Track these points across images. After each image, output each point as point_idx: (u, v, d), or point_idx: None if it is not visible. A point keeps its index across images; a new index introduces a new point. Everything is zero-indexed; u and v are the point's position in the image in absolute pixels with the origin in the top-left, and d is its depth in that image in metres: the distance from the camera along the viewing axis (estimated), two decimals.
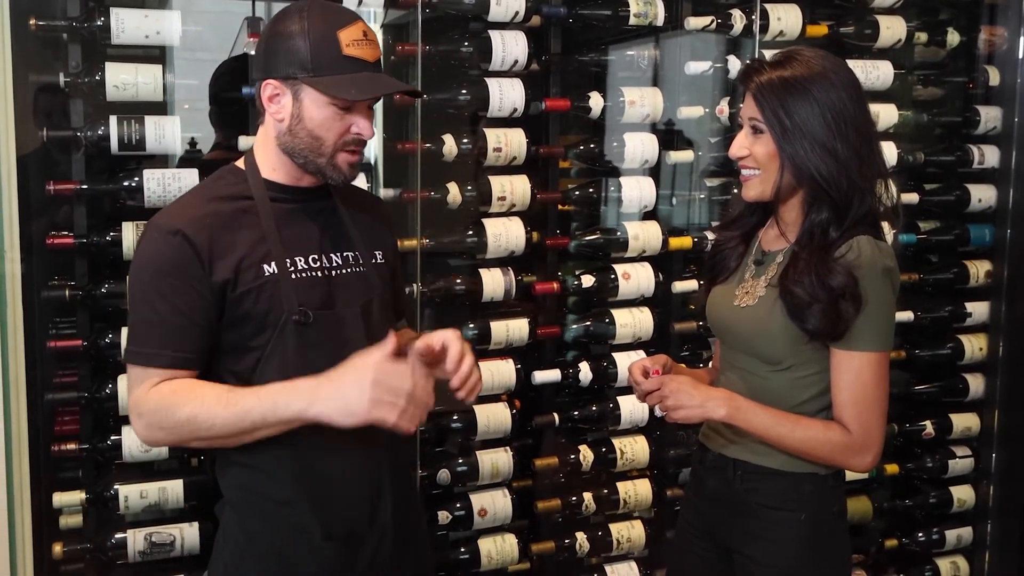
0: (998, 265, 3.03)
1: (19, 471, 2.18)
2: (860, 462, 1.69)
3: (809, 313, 1.64)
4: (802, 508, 1.74)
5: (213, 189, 1.66)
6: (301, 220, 1.67)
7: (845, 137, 1.64)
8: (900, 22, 2.84)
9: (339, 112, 1.59)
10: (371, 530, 1.70)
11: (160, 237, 1.57)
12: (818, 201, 1.67)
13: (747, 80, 1.70)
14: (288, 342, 1.60)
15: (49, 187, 2.18)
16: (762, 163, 1.70)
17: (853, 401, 1.67)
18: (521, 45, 2.46)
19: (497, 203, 2.52)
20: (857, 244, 1.65)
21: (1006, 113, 3.00)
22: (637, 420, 2.68)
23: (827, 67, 1.66)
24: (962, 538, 3.10)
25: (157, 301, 1.56)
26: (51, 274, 2.28)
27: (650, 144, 2.65)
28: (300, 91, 1.58)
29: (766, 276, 1.76)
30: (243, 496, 1.68)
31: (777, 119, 1.65)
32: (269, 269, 1.60)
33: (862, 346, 1.65)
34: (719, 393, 1.71)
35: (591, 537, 2.66)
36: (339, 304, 1.66)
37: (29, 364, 2.18)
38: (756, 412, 1.69)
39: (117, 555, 2.24)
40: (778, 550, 1.75)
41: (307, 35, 1.56)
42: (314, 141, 1.61)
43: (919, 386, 3.08)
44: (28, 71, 2.23)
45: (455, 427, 2.54)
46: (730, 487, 1.80)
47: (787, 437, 1.68)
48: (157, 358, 1.57)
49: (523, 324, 2.57)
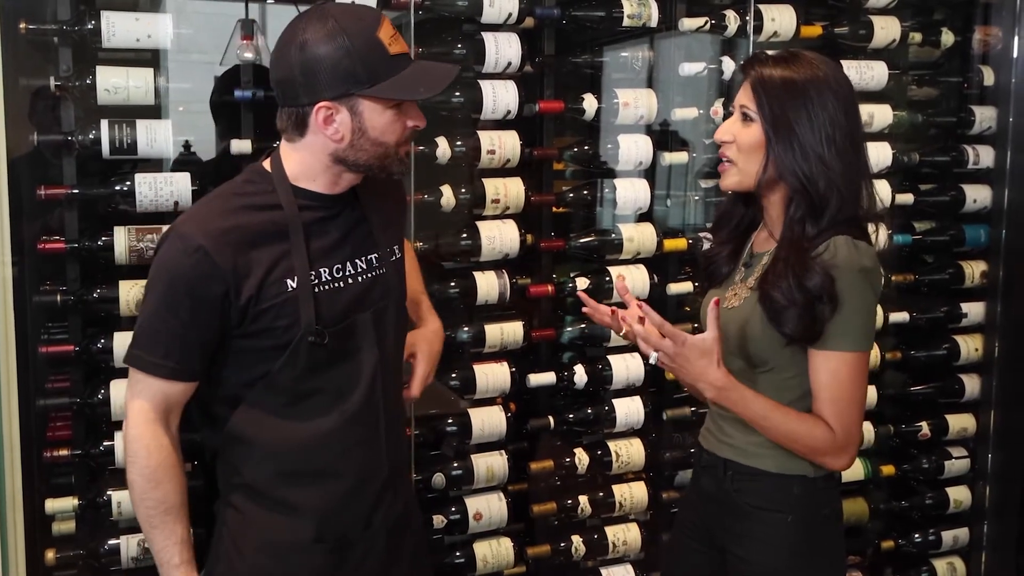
0: (993, 265, 3.03)
1: (11, 477, 2.17)
2: (838, 461, 1.71)
3: (786, 318, 1.66)
4: (790, 510, 1.75)
5: (242, 196, 1.63)
6: (329, 229, 1.66)
7: (832, 142, 1.66)
8: (894, 22, 2.83)
9: (396, 114, 1.58)
10: (364, 534, 1.71)
11: (180, 249, 1.55)
12: (797, 197, 1.69)
13: (749, 68, 1.74)
14: (300, 358, 1.60)
15: (40, 191, 2.16)
16: (744, 151, 1.72)
17: (832, 401, 1.68)
18: (515, 47, 2.46)
19: (491, 206, 2.51)
20: (834, 244, 1.66)
21: (1001, 113, 3.00)
22: (633, 423, 2.67)
23: (828, 74, 1.69)
24: (958, 539, 3.10)
25: (167, 311, 1.56)
26: (43, 279, 2.27)
27: (644, 146, 2.64)
28: (357, 105, 1.55)
29: (751, 278, 1.77)
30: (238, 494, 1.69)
31: (771, 110, 1.68)
32: (292, 284, 1.59)
33: (839, 346, 1.67)
34: (714, 379, 1.66)
35: (587, 540, 2.65)
36: (354, 311, 1.66)
37: (21, 369, 2.17)
38: (746, 400, 1.68)
39: (110, 561, 2.23)
40: (767, 550, 1.77)
41: (351, 47, 1.52)
42: (379, 148, 1.60)
43: (915, 387, 3.08)
44: (19, 74, 2.22)
45: (450, 430, 2.53)
46: (721, 487, 1.82)
47: (774, 427, 1.69)
48: (160, 368, 1.58)
49: (518, 327, 2.56)
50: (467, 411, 2.53)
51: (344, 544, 1.70)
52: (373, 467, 1.72)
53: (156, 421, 1.60)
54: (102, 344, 2.21)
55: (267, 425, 1.64)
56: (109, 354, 2.20)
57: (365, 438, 1.69)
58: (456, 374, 2.51)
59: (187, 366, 1.59)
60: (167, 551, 1.62)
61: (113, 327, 2.22)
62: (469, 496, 2.55)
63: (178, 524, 1.62)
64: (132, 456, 1.61)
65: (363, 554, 1.71)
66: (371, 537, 1.72)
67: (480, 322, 2.53)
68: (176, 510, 1.62)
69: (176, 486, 1.62)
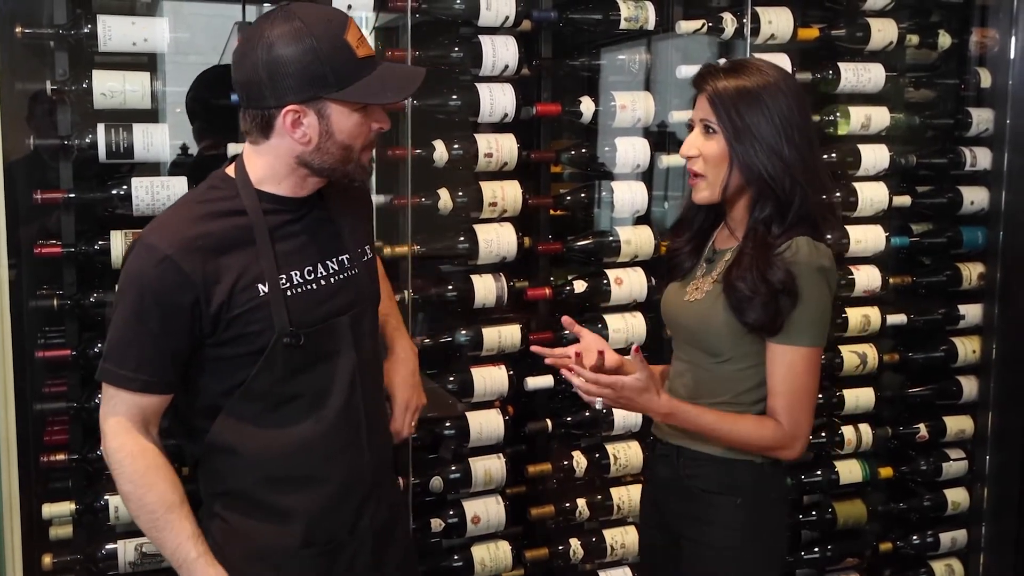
0: (991, 267, 3.02)
1: (8, 482, 2.16)
2: (788, 453, 1.80)
3: (750, 307, 1.73)
4: (739, 493, 1.83)
5: (205, 204, 1.61)
6: (296, 232, 1.65)
7: (791, 140, 1.74)
8: (891, 24, 2.83)
9: (363, 116, 1.58)
10: (351, 538, 1.71)
11: (147, 260, 1.54)
12: (763, 199, 1.77)
13: (702, 83, 1.80)
14: (277, 363, 1.59)
15: (36, 196, 2.16)
16: (711, 163, 1.79)
17: (785, 392, 1.77)
18: (512, 50, 2.46)
19: (488, 209, 2.51)
20: (796, 244, 1.74)
21: (998, 115, 3.00)
22: (630, 425, 2.67)
23: (777, 76, 1.78)
24: (957, 541, 3.10)
25: (137, 322, 1.55)
26: (40, 283, 2.27)
27: (642, 148, 2.64)
28: (325, 108, 1.54)
29: (714, 273, 1.85)
30: (222, 502, 1.68)
31: (730, 120, 1.75)
32: (263, 289, 1.58)
33: (796, 340, 1.75)
34: (659, 407, 1.76)
35: (585, 543, 2.65)
36: (333, 314, 1.65)
37: (18, 374, 2.16)
38: (692, 418, 1.77)
39: (108, 566, 2.22)
40: (716, 532, 1.84)
41: (318, 49, 1.50)
42: (344, 151, 1.59)
43: (913, 389, 3.08)
44: (15, 79, 2.22)
45: (448, 434, 2.53)
46: (676, 473, 1.89)
47: (725, 435, 1.78)
48: (133, 382, 1.56)
49: (515, 330, 2.56)
50: (465, 414, 2.52)
51: (332, 548, 1.69)
52: (357, 471, 1.71)
53: (134, 430, 1.58)
54: (99, 349, 2.19)
55: (247, 433, 1.63)
56: None
57: (348, 442, 1.69)
58: (454, 377, 2.51)
59: (160, 378, 1.57)
60: (181, 548, 1.58)
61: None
62: (467, 499, 2.55)
63: (184, 520, 1.59)
64: (117, 466, 1.59)
65: (351, 558, 1.71)
66: (358, 541, 1.72)
67: (478, 325, 2.53)
68: (178, 506, 1.59)
69: (170, 484, 1.59)
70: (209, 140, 2.50)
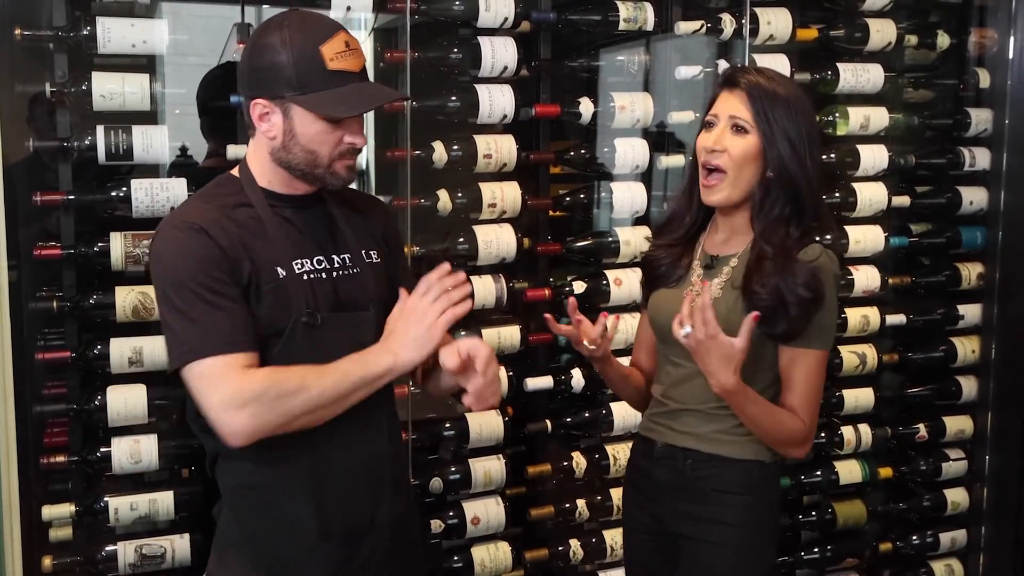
0: (990, 267, 3.03)
1: (8, 484, 2.17)
2: (801, 451, 1.83)
3: (776, 318, 1.74)
4: (750, 492, 1.86)
5: (217, 198, 1.66)
6: (299, 226, 1.69)
7: (810, 151, 1.79)
8: (890, 25, 2.83)
9: (330, 126, 1.61)
10: (370, 531, 1.71)
11: (183, 233, 1.57)
12: (774, 202, 1.79)
13: (738, 80, 1.81)
14: (297, 344, 1.61)
15: (36, 197, 2.16)
16: (737, 161, 1.79)
17: (805, 395, 1.79)
18: (511, 51, 2.46)
19: (488, 210, 2.51)
20: (813, 250, 1.79)
21: (997, 115, 3.00)
22: (630, 426, 2.67)
23: (798, 91, 1.84)
24: (956, 541, 3.10)
25: (208, 293, 1.54)
26: (39, 284, 2.27)
27: (641, 149, 2.64)
28: (289, 109, 1.59)
29: (720, 279, 1.84)
30: (242, 495, 1.69)
31: (767, 120, 1.77)
32: (281, 272, 1.62)
33: (814, 344, 1.78)
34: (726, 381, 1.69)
35: (585, 544, 2.65)
36: (349, 306, 1.68)
37: (18, 375, 2.17)
38: (748, 402, 1.75)
39: (107, 568, 2.23)
40: (726, 531, 1.85)
41: (290, 52, 1.57)
42: (309, 155, 1.63)
43: (912, 389, 3.08)
44: (15, 81, 2.22)
45: (447, 435, 2.53)
46: (681, 475, 1.89)
47: (767, 423, 1.78)
48: (238, 345, 1.54)
49: (515, 331, 2.56)
50: (464, 415, 2.52)
51: (350, 540, 1.70)
52: (374, 464, 1.72)
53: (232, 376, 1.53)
54: (99, 350, 2.20)
55: None
56: (106, 360, 2.19)
57: (364, 435, 1.70)
58: None
59: (251, 338, 1.56)
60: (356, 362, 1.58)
61: (110, 333, 2.22)
62: (467, 500, 2.55)
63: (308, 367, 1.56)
64: (246, 405, 1.51)
65: (369, 551, 1.71)
66: (376, 534, 1.72)
67: (477, 326, 2.53)
68: (318, 367, 1.57)
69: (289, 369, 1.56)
70: (218, 138, 2.50)
